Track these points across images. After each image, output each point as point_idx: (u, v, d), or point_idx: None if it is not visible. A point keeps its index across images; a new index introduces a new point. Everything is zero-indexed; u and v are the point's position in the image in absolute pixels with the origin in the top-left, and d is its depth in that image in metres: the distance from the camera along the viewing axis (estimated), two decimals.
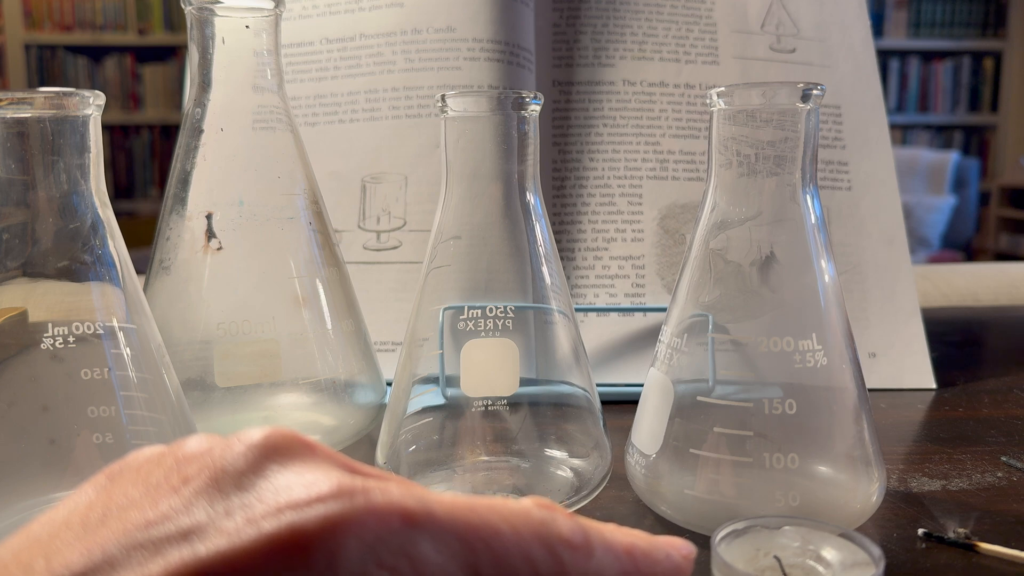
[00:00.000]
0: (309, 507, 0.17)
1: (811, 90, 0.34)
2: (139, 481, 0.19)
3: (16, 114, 0.31)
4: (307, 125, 0.61)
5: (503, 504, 0.20)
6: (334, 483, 0.18)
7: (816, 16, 0.65)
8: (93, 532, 0.17)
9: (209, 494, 0.18)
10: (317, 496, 0.17)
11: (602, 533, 0.21)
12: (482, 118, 0.38)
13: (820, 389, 0.35)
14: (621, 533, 0.22)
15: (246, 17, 0.43)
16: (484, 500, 0.20)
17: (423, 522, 0.18)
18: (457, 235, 0.39)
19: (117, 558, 0.17)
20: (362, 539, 0.17)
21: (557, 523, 0.20)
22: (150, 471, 0.19)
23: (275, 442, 0.19)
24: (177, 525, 0.17)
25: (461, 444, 0.39)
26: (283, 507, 0.17)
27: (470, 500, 0.19)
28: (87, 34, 3.14)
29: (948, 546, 0.35)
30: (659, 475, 0.37)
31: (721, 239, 0.36)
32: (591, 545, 0.20)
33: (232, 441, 0.19)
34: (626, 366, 0.57)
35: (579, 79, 0.62)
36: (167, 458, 0.19)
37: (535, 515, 0.20)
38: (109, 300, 0.34)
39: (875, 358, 0.58)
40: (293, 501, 0.17)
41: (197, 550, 0.17)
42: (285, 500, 0.17)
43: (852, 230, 0.61)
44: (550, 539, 0.20)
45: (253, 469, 0.18)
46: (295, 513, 0.17)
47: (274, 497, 0.18)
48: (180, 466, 0.19)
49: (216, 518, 0.17)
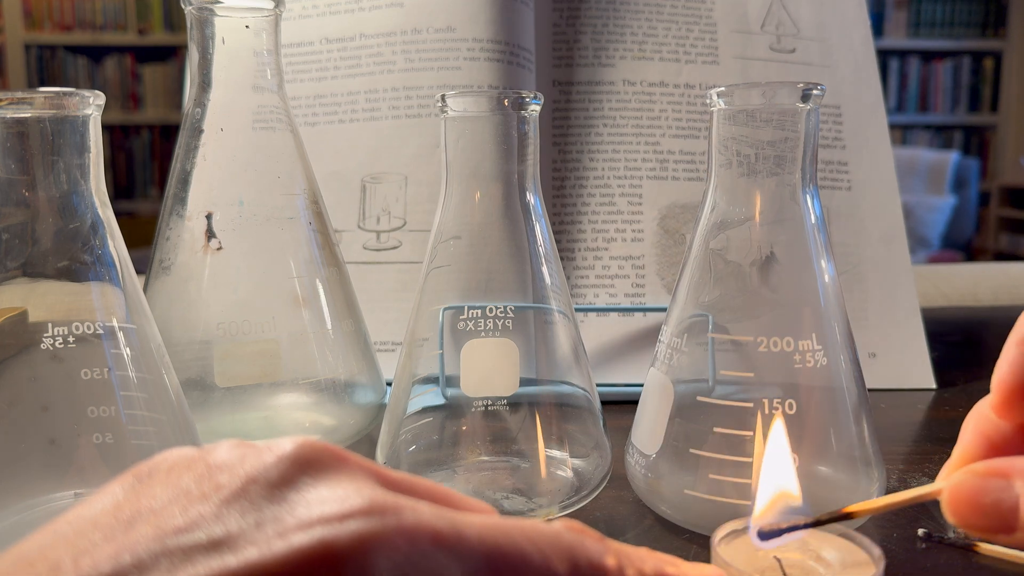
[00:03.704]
0: (341, 523, 0.17)
1: (811, 90, 0.34)
2: (169, 484, 0.19)
3: (16, 114, 0.31)
4: (307, 125, 0.61)
5: (533, 527, 0.20)
6: (366, 499, 0.18)
7: (816, 16, 0.65)
8: (123, 534, 0.17)
9: (240, 504, 0.18)
10: (349, 512, 0.17)
11: (631, 558, 0.21)
12: (482, 118, 0.38)
13: (820, 389, 0.35)
14: (652, 558, 0.22)
15: (246, 17, 0.43)
16: (514, 522, 0.19)
17: (452, 544, 0.18)
18: (457, 235, 0.39)
19: (146, 563, 0.16)
20: (392, 559, 0.17)
21: (587, 548, 0.20)
22: (180, 475, 0.19)
23: (307, 454, 0.19)
24: (208, 533, 0.17)
25: (461, 444, 0.39)
26: (315, 521, 0.17)
27: (500, 522, 0.19)
28: (87, 34, 3.14)
29: (948, 546, 0.35)
30: (659, 475, 0.37)
31: (721, 239, 0.36)
32: (621, 570, 0.20)
33: (264, 451, 0.19)
34: (626, 366, 0.57)
35: (579, 79, 0.62)
36: (198, 463, 0.19)
37: (565, 539, 0.20)
38: (109, 300, 0.34)
39: (875, 358, 0.58)
40: (325, 516, 0.17)
41: (227, 561, 0.16)
42: (317, 514, 0.17)
43: (852, 230, 0.61)
44: (579, 564, 0.20)
45: (286, 481, 0.18)
46: (326, 528, 0.17)
47: (306, 511, 0.17)
48: (212, 473, 0.18)
49: (247, 529, 0.17)
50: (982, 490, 0.21)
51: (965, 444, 0.24)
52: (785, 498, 0.28)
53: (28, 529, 0.19)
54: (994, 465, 0.22)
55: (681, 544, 0.36)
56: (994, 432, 0.24)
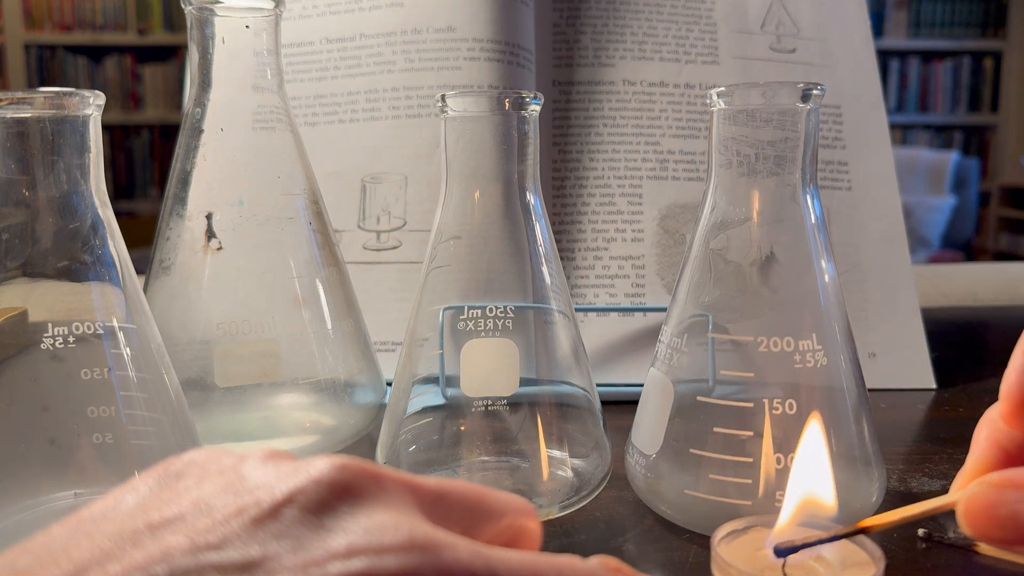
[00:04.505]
0: (378, 557, 0.17)
1: (811, 90, 0.34)
2: (201, 491, 0.18)
3: (16, 114, 0.31)
4: (307, 125, 0.61)
5: (569, 564, 0.19)
6: (405, 534, 0.17)
7: (816, 16, 0.65)
8: (152, 541, 0.17)
9: (276, 527, 0.17)
10: (388, 547, 0.17)
11: None
12: (482, 118, 0.38)
13: (820, 389, 0.35)
14: None
15: (246, 17, 0.43)
16: (550, 559, 0.19)
17: None
18: (457, 235, 0.39)
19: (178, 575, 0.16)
20: None
21: None
22: (212, 482, 0.18)
23: (346, 479, 0.18)
24: (243, 554, 0.17)
25: (461, 444, 0.39)
26: (352, 553, 0.17)
27: (536, 560, 0.19)
28: (87, 34, 3.14)
29: (948, 546, 0.35)
30: (659, 475, 0.37)
31: (721, 239, 0.36)
32: None
33: (301, 471, 0.18)
34: (626, 366, 0.57)
35: (579, 79, 0.62)
36: (230, 472, 0.19)
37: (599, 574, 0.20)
38: (109, 300, 0.34)
39: (875, 358, 0.58)
40: (362, 548, 0.17)
41: None
42: (355, 546, 0.17)
43: (852, 230, 0.61)
44: None
45: (323, 507, 0.18)
46: (364, 562, 0.17)
47: (344, 541, 0.17)
48: (246, 486, 0.18)
49: (282, 555, 0.17)
50: (998, 502, 0.21)
51: (978, 453, 0.24)
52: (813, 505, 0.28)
53: (28, 529, 0.19)
54: (1009, 476, 0.22)
55: (681, 544, 0.36)
56: (1007, 441, 0.24)
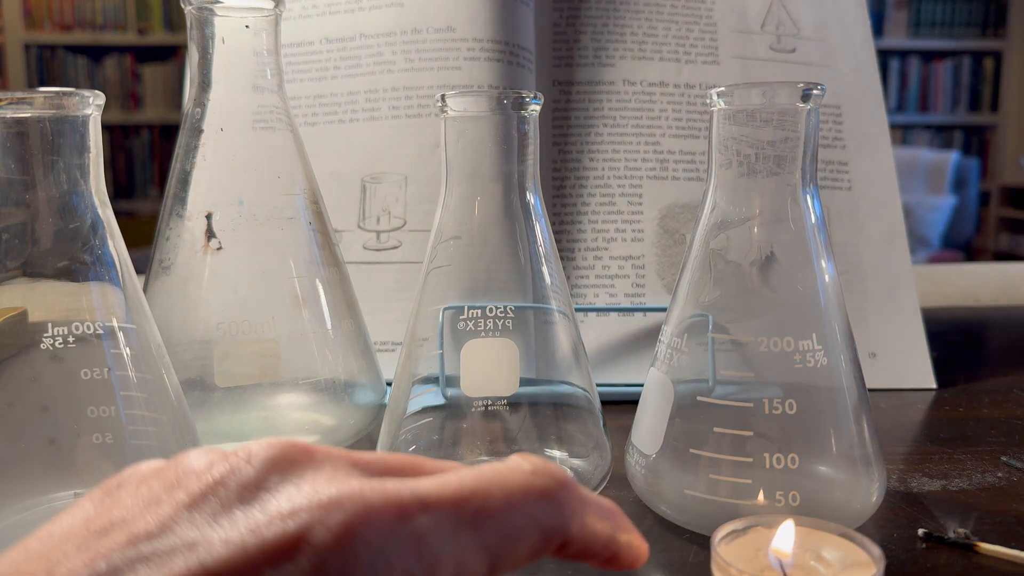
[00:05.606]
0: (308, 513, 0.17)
1: (811, 90, 0.34)
2: (139, 494, 0.19)
3: (16, 114, 0.31)
4: (307, 125, 0.61)
5: (490, 467, 0.20)
6: (334, 491, 0.18)
7: (816, 16, 0.65)
8: (96, 543, 0.17)
9: (211, 506, 0.18)
10: (319, 503, 0.18)
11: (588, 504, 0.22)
12: (482, 118, 0.38)
13: (820, 389, 0.35)
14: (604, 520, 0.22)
15: (246, 17, 0.43)
16: (473, 469, 0.20)
17: (416, 512, 0.18)
18: (457, 235, 0.39)
19: (121, 569, 0.17)
20: (369, 543, 0.17)
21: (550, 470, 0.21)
22: (150, 484, 0.19)
23: (275, 454, 0.19)
24: (181, 537, 0.17)
25: (461, 444, 0.39)
26: (286, 515, 0.17)
27: (459, 474, 0.20)
28: (87, 34, 3.14)
29: (948, 546, 0.35)
30: (659, 475, 0.37)
31: (721, 239, 0.36)
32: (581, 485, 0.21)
33: (233, 455, 0.19)
34: (626, 366, 0.57)
35: (579, 79, 0.62)
36: (167, 472, 0.19)
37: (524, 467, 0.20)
38: (109, 300, 0.34)
39: (875, 358, 0.58)
40: (295, 509, 0.17)
41: (203, 559, 0.17)
42: (287, 508, 0.17)
43: (852, 230, 0.61)
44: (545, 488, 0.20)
45: (256, 482, 0.18)
46: (297, 519, 0.17)
47: (276, 507, 0.18)
48: (182, 480, 0.19)
49: (219, 529, 0.17)
50: None
51: None
52: None
53: (28, 529, 0.19)
54: None
55: (681, 544, 0.36)
56: None
